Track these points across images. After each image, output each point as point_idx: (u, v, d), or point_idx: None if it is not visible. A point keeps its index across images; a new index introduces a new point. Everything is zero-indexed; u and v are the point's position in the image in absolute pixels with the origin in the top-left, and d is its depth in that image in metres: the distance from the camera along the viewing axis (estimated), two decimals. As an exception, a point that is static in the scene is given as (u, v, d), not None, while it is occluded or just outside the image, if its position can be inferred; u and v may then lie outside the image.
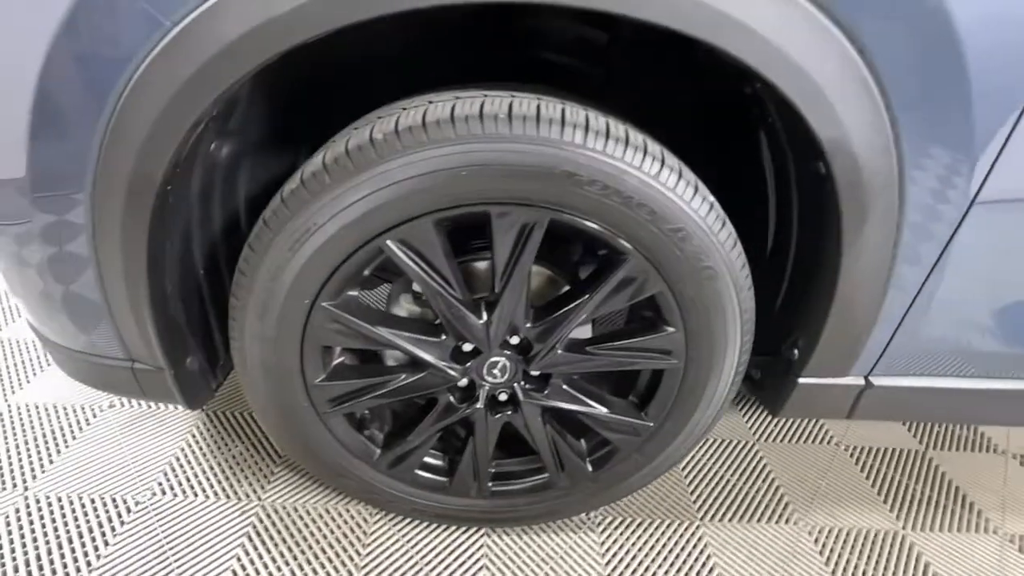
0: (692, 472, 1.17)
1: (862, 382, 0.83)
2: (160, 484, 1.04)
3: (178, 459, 1.09)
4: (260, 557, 0.93)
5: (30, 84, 0.58)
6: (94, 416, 1.17)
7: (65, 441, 1.11)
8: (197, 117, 0.55)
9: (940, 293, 0.72)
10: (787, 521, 1.09)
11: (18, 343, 1.37)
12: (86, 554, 0.91)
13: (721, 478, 1.16)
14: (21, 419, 1.15)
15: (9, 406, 1.18)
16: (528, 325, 0.76)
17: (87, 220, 0.64)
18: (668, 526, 1.05)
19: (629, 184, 0.62)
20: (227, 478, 1.06)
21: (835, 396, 0.84)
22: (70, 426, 1.15)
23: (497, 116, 0.59)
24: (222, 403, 1.23)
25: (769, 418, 1.35)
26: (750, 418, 1.33)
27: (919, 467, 1.24)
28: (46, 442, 1.11)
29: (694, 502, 1.11)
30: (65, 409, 1.18)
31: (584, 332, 0.89)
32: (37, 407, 1.18)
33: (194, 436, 1.14)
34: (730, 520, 1.07)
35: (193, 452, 1.11)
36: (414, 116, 0.60)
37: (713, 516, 1.08)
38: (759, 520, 1.08)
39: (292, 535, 0.97)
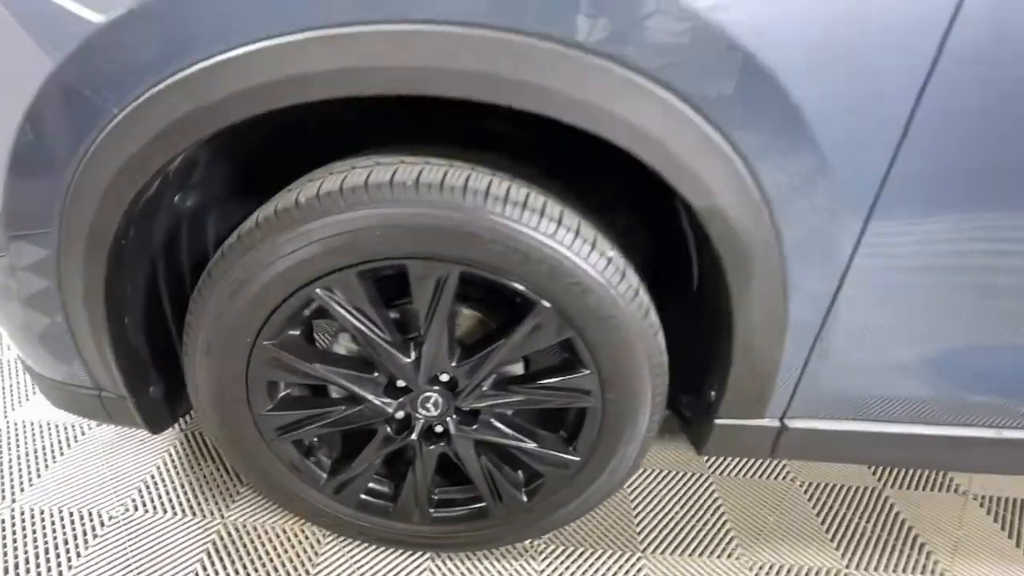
0: (641, 503, 1.20)
1: (778, 424, 0.87)
2: (133, 500, 1.12)
3: (153, 476, 1.17)
4: (216, 573, 1.00)
5: (10, 134, 0.67)
6: (82, 434, 1.27)
7: (54, 457, 1.21)
8: (139, 190, 0.64)
9: (836, 341, 0.76)
10: (729, 556, 1.11)
11: (19, 363, 1.48)
12: (59, 564, 0.99)
13: (669, 510, 1.19)
14: (17, 435, 1.26)
15: (8, 422, 1.29)
16: (453, 364, 0.83)
17: (54, 263, 0.73)
18: (609, 556, 1.09)
19: (527, 243, 0.68)
20: (195, 496, 1.14)
21: (752, 436, 0.88)
22: (60, 443, 1.24)
23: (406, 183, 0.67)
24: (199, 423, 1.31)
25: (726, 451, 1.37)
26: (707, 451, 1.36)
27: (873, 505, 1.25)
28: (37, 457, 1.21)
29: (638, 533, 1.14)
30: (57, 427, 1.28)
31: (517, 370, 0.94)
32: (33, 424, 1.29)
33: (170, 455, 1.23)
34: (672, 553, 1.10)
35: (168, 470, 1.19)
36: (334, 182, 0.68)
37: (656, 548, 1.11)
38: (701, 554, 1.11)
39: (248, 552, 1.04)
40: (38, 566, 0.98)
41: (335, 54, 0.56)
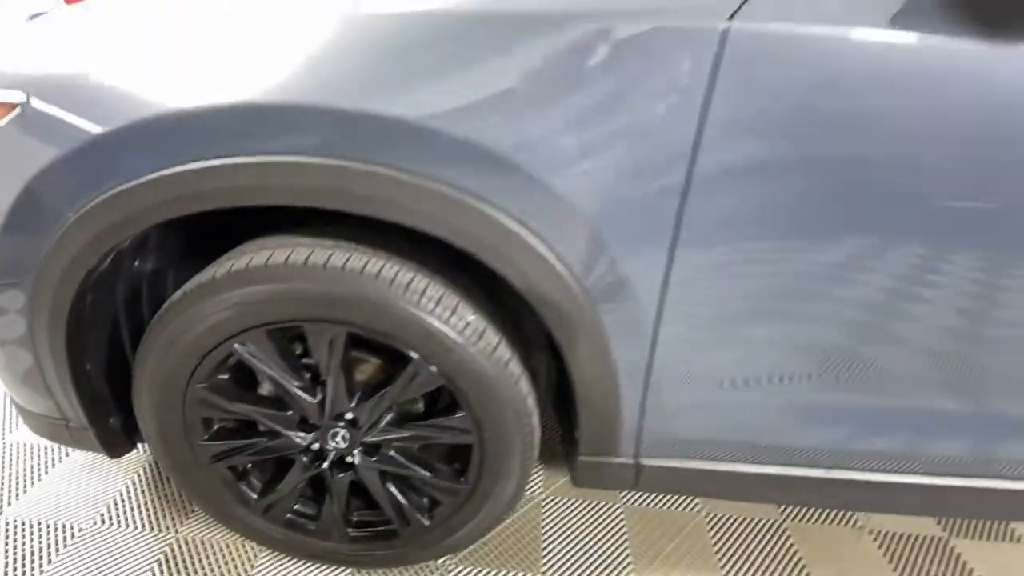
0: (551, 528, 1.33)
1: (632, 461, 1.00)
2: (102, 514, 1.29)
3: (122, 494, 1.34)
4: (164, 580, 1.16)
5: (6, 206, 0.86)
6: (66, 455, 1.45)
7: (39, 475, 1.39)
8: (91, 267, 0.84)
9: (663, 389, 0.90)
10: (622, 580, 1.23)
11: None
12: (31, 570, 1.16)
13: (576, 536, 1.32)
14: (11, 455, 1.45)
15: (4, 444, 1.48)
16: (352, 405, 0.99)
17: (27, 317, 0.91)
18: (511, 577, 1.21)
19: (395, 311, 0.85)
20: (156, 512, 1.30)
21: (613, 472, 1.01)
22: (47, 461, 1.43)
23: (296, 263, 0.84)
24: (169, 448, 1.49)
25: (641, 483, 1.49)
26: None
27: (771, 538, 1.35)
28: (27, 474, 1.39)
29: (543, 556, 1.26)
30: (45, 449, 1.47)
31: (419, 408, 1.10)
32: (26, 445, 1.48)
33: (139, 475, 1.40)
34: (569, 575, 1.23)
35: (136, 487, 1.36)
36: (242, 262, 0.86)
37: (555, 570, 1.23)
38: (595, 577, 1.23)
39: (192, 564, 1.19)
40: (14, 571, 1.15)
41: (214, 177, 0.75)
